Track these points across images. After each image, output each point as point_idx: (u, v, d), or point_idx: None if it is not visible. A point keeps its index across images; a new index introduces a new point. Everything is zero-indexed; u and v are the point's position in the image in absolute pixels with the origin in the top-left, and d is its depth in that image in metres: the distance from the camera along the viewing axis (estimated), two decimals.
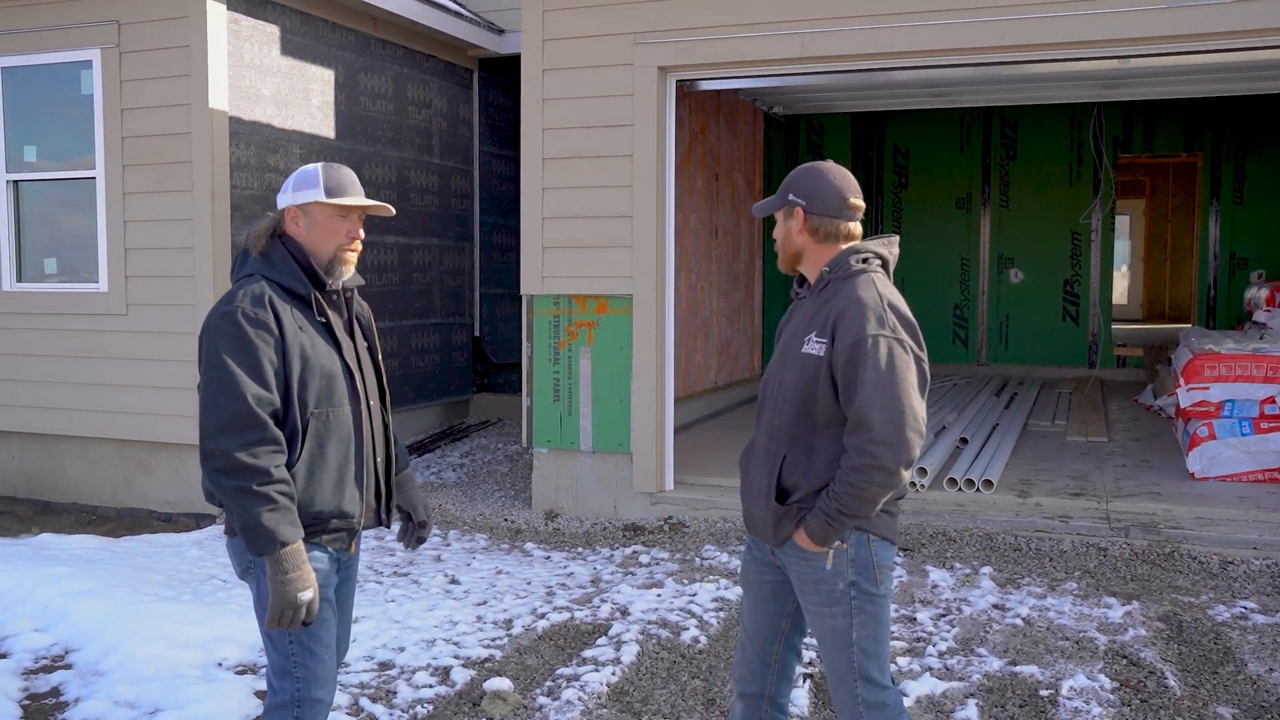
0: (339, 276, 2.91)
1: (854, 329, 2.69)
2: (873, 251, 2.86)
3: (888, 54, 6.28)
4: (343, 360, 2.88)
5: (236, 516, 2.66)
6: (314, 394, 2.79)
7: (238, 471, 2.63)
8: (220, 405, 2.65)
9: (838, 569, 2.79)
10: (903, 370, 2.68)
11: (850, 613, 2.80)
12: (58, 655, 4.66)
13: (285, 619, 2.68)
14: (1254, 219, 12.09)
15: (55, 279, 7.74)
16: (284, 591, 2.66)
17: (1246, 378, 7.08)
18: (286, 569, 2.66)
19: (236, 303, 2.73)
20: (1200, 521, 6.04)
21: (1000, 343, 12.73)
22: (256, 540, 2.65)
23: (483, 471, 8.38)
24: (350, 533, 2.91)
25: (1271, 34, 5.68)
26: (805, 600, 2.89)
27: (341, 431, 2.85)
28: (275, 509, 2.64)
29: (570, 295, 6.96)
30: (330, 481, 2.82)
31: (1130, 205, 19.25)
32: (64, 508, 7.71)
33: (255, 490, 2.62)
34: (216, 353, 2.69)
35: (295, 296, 2.83)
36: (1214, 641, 4.68)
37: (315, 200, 2.85)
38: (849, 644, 2.81)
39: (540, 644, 4.77)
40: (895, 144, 12.88)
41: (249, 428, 2.64)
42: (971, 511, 6.28)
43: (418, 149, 9.29)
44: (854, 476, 2.67)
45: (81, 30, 7.37)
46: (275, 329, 2.73)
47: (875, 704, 2.84)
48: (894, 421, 2.64)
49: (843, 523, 2.72)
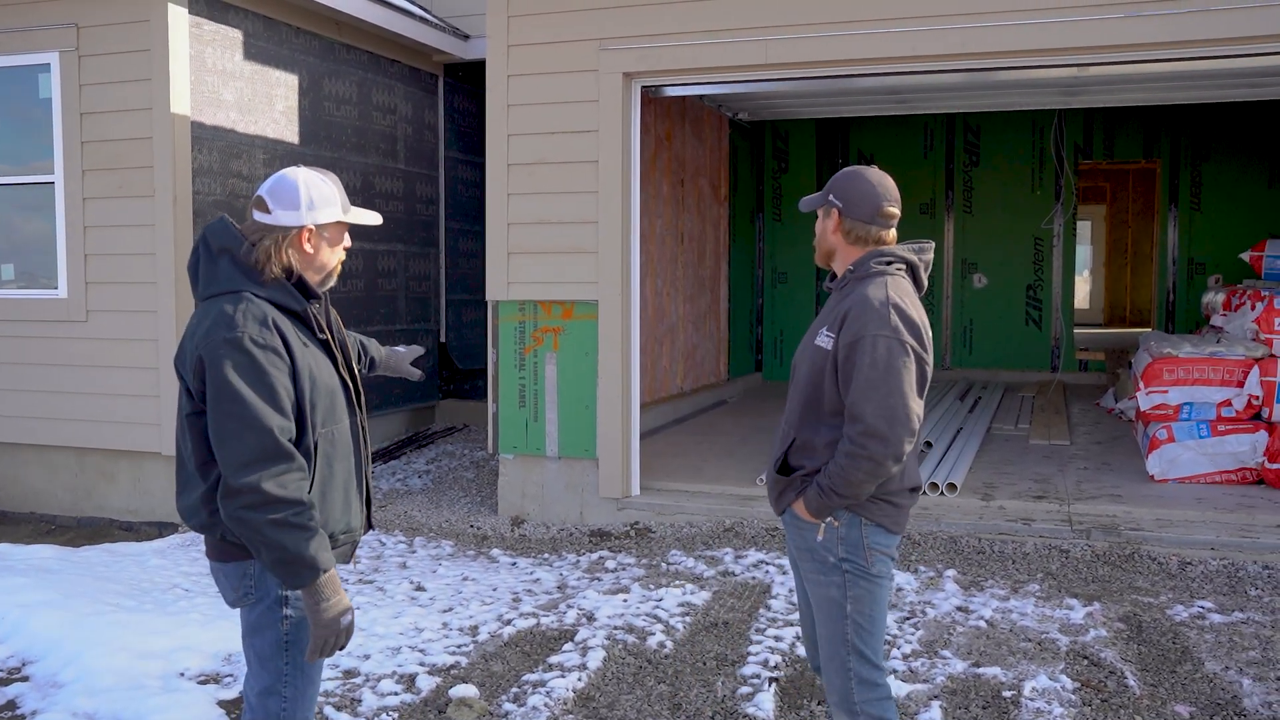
0: (328, 288, 2.81)
1: (856, 326, 2.85)
2: (897, 255, 2.99)
3: (851, 61, 6.33)
4: (339, 374, 2.77)
5: (270, 551, 2.50)
6: (321, 413, 2.66)
7: (269, 505, 2.47)
8: (243, 440, 2.48)
9: (828, 543, 2.96)
10: (899, 369, 2.81)
11: (844, 585, 2.95)
12: (14, 668, 4.59)
13: (329, 647, 2.57)
14: (1211, 225, 12.28)
15: (12, 285, 7.64)
16: (328, 620, 2.55)
17: (1204, 381, 7.19)
18: (327, 595, 2.54)
19: (241, 328, 2.52)
20: (1159, 523, 6.13)
21: (964, 347, 12.85)
22: (296, 573, 2.51)
23: (449, 478, 8.35)
24: (354, 544, 2.84)
25: (1227, 44, 5.78)
26: (804, 567, 3.06)
27: (345, 447, 2.75)
28: (311, 537, 2.51)
29: (536, 301, 6.96)
30: (339, 499, 2.72)
31: (1091, 211, 19.50)
32: (22, 517, 7.60)
33: (292, 522, 2.49)
34: (229, 383, 2.49)
35: (290, 313, 2.67)
36: (1173, 641, 4.74)
37: (336, 220, 2.72)
38: (843, 615, 2.96)
39: (506, 650, 4.76)
40: (860, 149, 12.98)
41: (276, 459, 2.49)
42: (936, 515, 6.34)
43: (383, 154, 9.25)
44: (844, 461, 2.84)
45: (40, 33, 7.28)
46: (285, 353, 2.58)
47: (866, 681, 2.96)
48: (884, 417, 2.78)
49: (833, 499, 2.89)
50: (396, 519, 7.25)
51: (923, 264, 3.04)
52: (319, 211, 2.68)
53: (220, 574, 2.73)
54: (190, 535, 6.88)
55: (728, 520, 6.57)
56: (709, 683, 4.37)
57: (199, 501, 2.64)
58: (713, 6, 6.46)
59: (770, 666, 4.48)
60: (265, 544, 2.50)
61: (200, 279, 2.67)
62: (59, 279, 7.38)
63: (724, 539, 6.39)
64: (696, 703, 4.20)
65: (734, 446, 8.47)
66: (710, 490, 7.02)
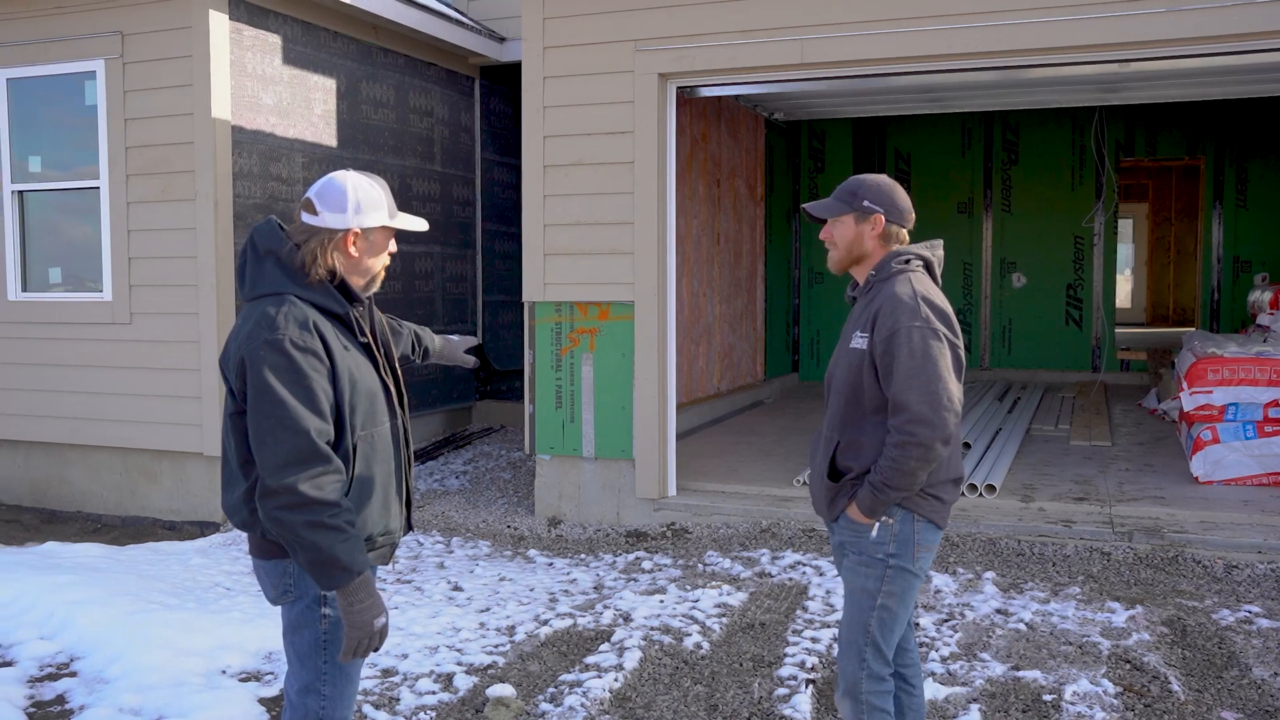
0: (372, 291, 2.82)
1: (890, 322, 2.95)
2: (914, 254, 3.12)
3: (886, 60, 6.29)
4: (380, 377, 2.79)
5: (305, 551, 2.53)
6: (361, 415, 2.68)
7: (306, 507, 2.50)
8: (280, 441, 2.52)
9: (881, 540, 3.03)
10: (936, 356, 2.91)
11: (882, 578, 3.03)
12: (63, 663, 4.67)
13: (362, 648, 2.59)
14: (1257, 222, 12.09)
15: (60, 288, 7.78)
16: (361, 621, 2.57)
17: (1250, 381, 7.08)
18: (361, 598, 2.56)
19: (282, 330, 2.55)
20: (1204, 525, 6.03)
21: (1003, 347, 12.73)
22: (331, 574, 2.54)
23: (485, 479, 8.39)
24: (393, 546, 2.86)
25: (1270, 37, 5.68)
26: (847, 561, 3.12)
27: (384, 450, 2.76)
28: (348, 540, 2.53)
29: (572, 302, 6.97)
30: (378, 502, 2.74)
31: (1133, 209, 19.25)
32: (69, 516, 7.73)
33: (327, 524, 2.51)
34: (268, 385, 2.53)
35: (332, 315, 2.69)
36: (1218, 646, 4.67)
37: (382, 224, 2.73)
38: (873, 606, 3.04)
39: (543, 650, 4.77)
40: (897, 149, 12.90)
41: (312, 461, 2.52)
42: (974, 516, 6.28)
43: (420, 157, 9.32)
44: (895, 453, 2.91)
45: (85, 41, 7.41)
46: (325, 356, 2.60)
47: (876, 675, 3.07)
48: (929, 403, 2.88)
49: (887, 494, 2.95)
50: (434, 519, 7.29)
51: (936, 260, 3.18)
52: (365, 215, 2.69)
53: (261, 571, 2.77)
54: (232, 534, 6.97)
55: (764, 521, 6.55)
56: (745, 684, 4.37)
57: (241, 499, 2.69)
58: (748, 7, 6.44)
59: (807, 668, 4.46)
60: (300, 545, 2.52)
61: (246, 280, 2.70)
62: (104, 282, 7.51)
63: (761, 540, 6.37)
64: (733, 704, 4.20)
65: (771, 447, 8.45)
66: (747, 491, 7.01)
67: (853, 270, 3.20)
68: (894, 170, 12.86)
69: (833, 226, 3.17)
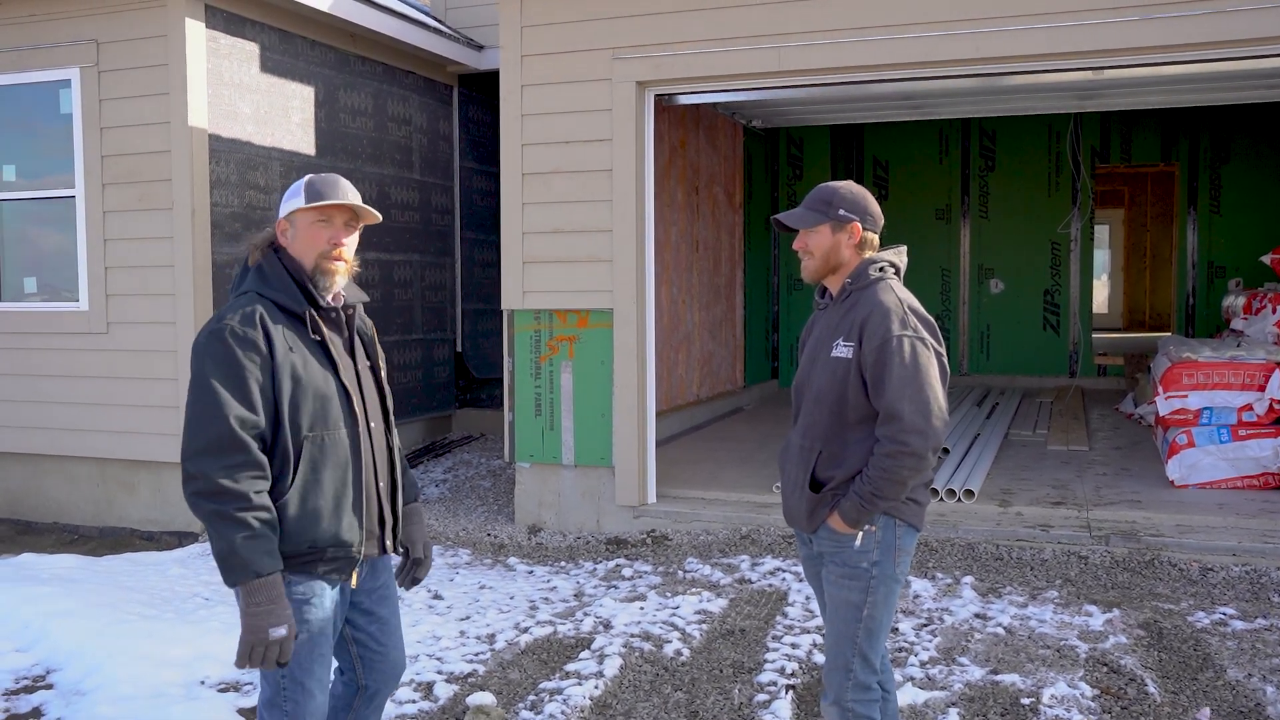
0: (327, 289, 2.79)
1: (880, 331, 2.94)
2: (888, 261, 3.13)
3: (863, 67, 6.34)
4: (339, 381, 2.76)
5: (213, 542, 2.56)
6: (307, 416, 2.68)
7: (216, 495, 2.53)
8: (203, 427, 2.56)
9: (864, 549, 3.01)
10: (925, 365, 2.93)
11: (867, 590, 3.02)
12: (39, 675, 4.63)
13: (256, 657, 2.53)
14: (1231, 228, 12.21)
15: (35, 298, 7.71)
16: (255, 625, 2.53)
17: (1224, 385, 7.15)
18: (259, 601, 2.52)
19: (225, 321, 2.64)
20: (1180, 529, 6.09)
21: (981, 353, 12.80)
22: (231, 569, 2.54)
23: (465, 487, 8.37)
24: (349, 561, 2.77)
25: (1242, 45, 5.75)
26: (828, 573, 3.10)
27: (338, 456, 2.73)
28: (252, 537, 2.52)
29: (551, 310, 6.98)
30: (327, 509, 2.69)
31: (1109, 215, 19.40)
32: (45, 527, 7.67)
33: (233, 515, 2.52)
34: (202, 373, 2.61)
35: (290, 314, 2.73)
36: (1194, 648, 4.71)
37: (298, 208, 2.77)
38: (858, 619, 3.03)
39: (523, 658, 4.77)
40: (875, 155, 12.97)
41: (230, 451, 2.55)
42: (953, 521, 6.31)
43: (398, 165, 9.31)
44: (887, 462, 2.90)
45: (60, 49, 7.36)
46: (264, 348, 2.64)
47: (862, 684, 3.06)
48: (921, 412, 2.89)
49: (875, 504, 2.94)
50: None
51: (902, 266, 3.20)
52: (286, 204, 2.82)
53: None
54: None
55: (744, 528, 6.56)
56: (726, 690, 4.37)
57: None
58: (725, 15, 6.47)
59: (787, 674, 4.48)
60: (210, 534, 2.57)
61: (233, 285, 2.86)
62: (80, 292, 7.45)
63: (740, 546, 6.39)
64: (713, 710, 4.20)
65: (750, 453, 8.47)
66: (727, 498, 7.02)
67: (828, 280, 3.19)
68: (872, 176, 12.93)
69: (808, 236, 3.14)
